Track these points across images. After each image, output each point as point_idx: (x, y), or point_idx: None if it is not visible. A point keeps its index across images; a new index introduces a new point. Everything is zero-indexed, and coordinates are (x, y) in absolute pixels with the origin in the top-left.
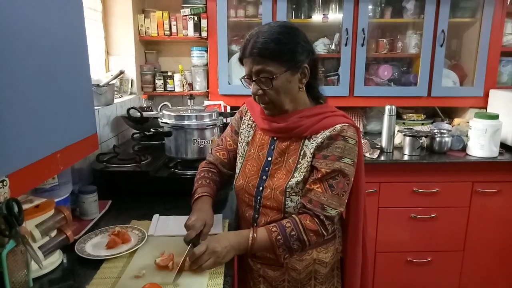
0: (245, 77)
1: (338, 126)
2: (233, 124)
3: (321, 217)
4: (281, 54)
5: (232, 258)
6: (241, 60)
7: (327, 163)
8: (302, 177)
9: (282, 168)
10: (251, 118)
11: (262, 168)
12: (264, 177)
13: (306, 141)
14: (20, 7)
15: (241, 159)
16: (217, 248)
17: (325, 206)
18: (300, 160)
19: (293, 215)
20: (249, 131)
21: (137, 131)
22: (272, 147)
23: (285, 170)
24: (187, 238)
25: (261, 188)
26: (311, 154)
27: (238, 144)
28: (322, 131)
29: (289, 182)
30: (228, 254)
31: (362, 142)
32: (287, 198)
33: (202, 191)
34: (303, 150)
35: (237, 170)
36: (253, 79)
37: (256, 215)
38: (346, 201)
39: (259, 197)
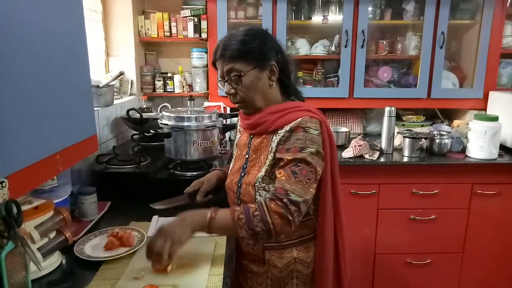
0: (219, 79)
1: (298, 119)
2: (233, 136)
3: (285, 200)
4: (247, 53)
5: (231, 258)
6: (214, 64)
7: (289, 155)
8: (265, 170)
9: (256, 164)
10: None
11: (242, 166)
12: (243, 174)
13: (274, 137)
14: (20, 8)
15: (232, 160)
16: (170, 230)
17: (288, 192)
18: (268, 155)
19: (259, 200)
20: (238, 135)
21: (137, 132)
22: (249, 145)
23: (258, 166)
24: (186, 191)
25: (239, 184)
26: (274, 148)
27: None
28: (285, 126)
29: (257, 177)
30: (185, 232)
31: (362, 143)
32: (256, 193)
33: (215, 168)
34: (271, 146)
35: (228, 171)
36: (226, 78)
37: None
38: (312, 190)
39: (238, 193)
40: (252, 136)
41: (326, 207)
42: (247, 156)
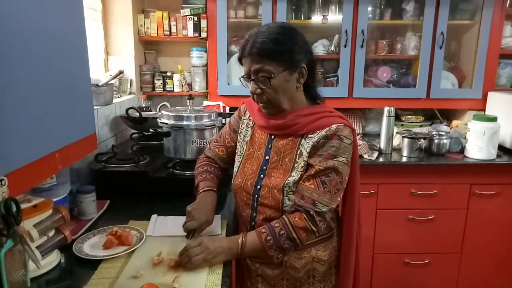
0: (244, 76)
1: (334, 126)
2: (231, 122)
3: (311, 212)
4: (279, 54)
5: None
6: (240, 60)
7: (320, 161)
8: (299, 176)
9: (279, 167)
10: (250, 117)
11: (260, 167)
12: (262, 175)
13: (303, 140)
14: (20, 7)
15: (240, 158)
16: (210, 246)
17: (316, 202)
18: (296, 159)
19: (283, 215)
20: (247, 131)
21: (136, 131)
22: (269, 146)
23: (282, 169)
24: (189, 227)
25: (258, 186)
26: (307, 153)
27: (237, 143)
28: (318, 131)
29: (287, 181)
30: (218, 256)
31: (361, 143)
32: (284, 197)
33: (208, 185)
34: (300, 150)
35: (235, 169)
36: (252, 78)
37: (254, 214)
38: (339, 199)
39: (256, 196)
40: (273, 136)
41: (353, 210)
42: (267, 157)
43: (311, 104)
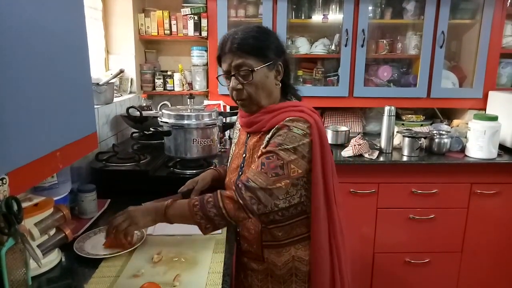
0: (223, 74)
1: (287, 119)
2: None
3: (239, 184)
4: (259, 49)
5: (231, 257)
6: (219, 58)
7: (266, 147)
8: None
9: (250, 163)
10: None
11: (240, 165)
12: (240, 172)
13: (266, 136)
14: (21, 5)
15: (230, 158)
16: (132, 212)
17: (249, 179)
18: None
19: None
20: (236, 133)
21: (137, 130)
22: (246, 144)
23: (252, 165)
24: (180, 191)
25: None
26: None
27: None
28: (276, 125)
29: None
30: (144, 217)
31: (361, 142)
32: None
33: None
34: (263, 145)
35: (227, 169)
36: (232, 73)
37: None
38: (279, 185)
39: None
40: (249, 135)
41: (319, 208)
42: (244, 155)
43: (283, 101)
